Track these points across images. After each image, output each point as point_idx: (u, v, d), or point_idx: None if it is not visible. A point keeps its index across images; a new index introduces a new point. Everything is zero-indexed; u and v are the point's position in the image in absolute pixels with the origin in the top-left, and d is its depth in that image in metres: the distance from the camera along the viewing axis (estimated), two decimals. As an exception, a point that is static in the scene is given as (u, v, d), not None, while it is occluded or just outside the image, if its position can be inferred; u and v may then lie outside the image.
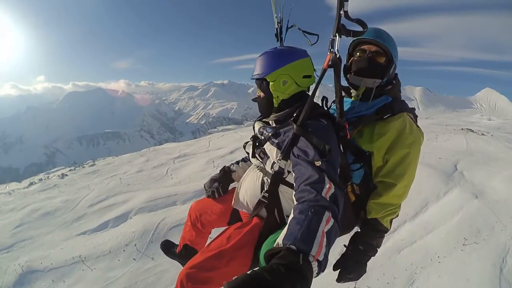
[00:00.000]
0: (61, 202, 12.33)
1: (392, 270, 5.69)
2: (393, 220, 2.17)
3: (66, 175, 19.35)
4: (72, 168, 23.63)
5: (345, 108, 2.12)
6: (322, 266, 1.17)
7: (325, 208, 1.34)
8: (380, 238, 2.11)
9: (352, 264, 2.12)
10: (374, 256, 2.13)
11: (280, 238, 1.26)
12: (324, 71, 1.84)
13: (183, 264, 2.67)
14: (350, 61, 2.25)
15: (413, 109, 2.17)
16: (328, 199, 1.39)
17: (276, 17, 2.53)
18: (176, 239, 8.86)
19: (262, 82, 2.07)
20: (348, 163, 1.99)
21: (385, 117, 1.98)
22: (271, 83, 2.01)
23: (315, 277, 1.12)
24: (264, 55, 2.07)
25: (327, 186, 1.46)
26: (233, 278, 0.92)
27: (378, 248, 2.13)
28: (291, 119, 1.93)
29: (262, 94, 2.13)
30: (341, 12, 1.64)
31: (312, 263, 1.12)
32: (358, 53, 2.16)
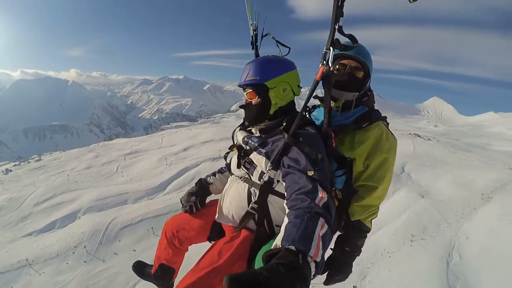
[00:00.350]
0: (5, 200, 11.64)
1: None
2: None
3: (11, 170, 18.03)
4: (17, 163, 21.97)
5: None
6: (319, 267, 1.18)
7: (319, 215, 1.35)
8: (363, 238, 2.22)
9: (340, 265, 2.22)
10: (359, 256, 2.23)
11: (277, 240, 1.28)
12: (317, 82, 1.80)
13: (158, 285, 2.66)
14: None
15: (385, 117, 2.28)
16: (321, 207, 1.41)
17: (251, 24, 2.54)
18: (128, 239, 8.49)
19: (259, 88, 2.00)
20: (332, 170, 2.02)
21: (363, 125, 2.09)
22: (271, 90, 1.98)
23: (312, 278, 1.13)
24: (261, 61, 2.04)
25: (320, 195, 1.47)
26: (233, 274, 0.90)
27: (362, 248, 2.24)
28: (280, 128, 1.92)
29: (257, 100, 2.04)
30: (336, 27, 1.66)
31: (310, 264, 1.12)
32: (337, 66, 2.24)
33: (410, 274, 5.71)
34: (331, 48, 1.72)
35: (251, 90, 2.03)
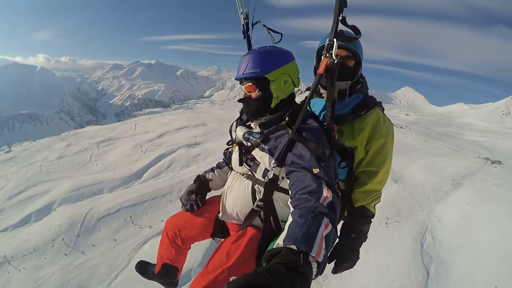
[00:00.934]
0: (-24, 195, 11.19)
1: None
2: None
3: (-21, 164, 16.87)
4: (-15, 155, 20.29)
5: (321, 108, 2.21)
6: (321, 267, 1.16)
7: (323, 214, 1.33)
8: (368, 224, 2.23)
9: (347, 253, 2.21)
10: (365, 242, 2.22)
11: (280, 239, 1.25)
12: (321, 75, 1.77)
13: (163, 284, 2.62)
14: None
15: (380, 102, 2.29)
16: (325, 206, 1.39)
17: (241, 13, 2.45)
18: (106, 230, 8.29)
19: (259, 81, 1.91)
20: (335, 163, 2.00)
21: (362, 113, 2.09)
22: (272, 82, 1.90)
23: (314, 279, 1.11)
24: (259, 52, 1.94)
25: (325, 194, 1.45)
26: (232, 278, 0.91)
27: (367, 234, 2.25)
28: (282, 123, 1.88)
29: (257, 94, 1.95)
30: (339, 18, 1.63)
31: (312, 264, 1.11)
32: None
33: (386, 254, 5.99)
34: (335, 40, 1.69)
35: (250, 83, 1.94)
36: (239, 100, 2.08)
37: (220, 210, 2.13)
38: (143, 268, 2.70)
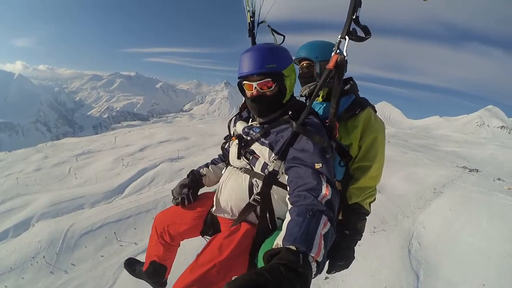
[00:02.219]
0: (-50, 209, 10.28)
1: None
2: None
3: (-48, 174, 15.94)
4: (-40, 166, 19.11)
5: (316, 109, 2.24)
6: (320, 267, 1.15)
7: (322, 212, 1.31)
8: (363, 221, 2.20)
9: (342, 251, 2.18)
10: (360, 240, 2.19)
11: (279, 239, 1.23)
12: (330, 71, 1.75)
13: (151, 283, 2.46)
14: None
15: (373, 106, 2.38)
16: (324, 204, 1.37)
17: (248, 11, 2.43)
18: (90, 247, 8.01)
19: (278, 76, 1.85)
20: (335, 162, 2.05)
21: (357, 112, 2.13)
22: (286, 78, 1.87)
23: (313, 278, 1.10)
24: (269, 48, 1.88)
25: (324, 192, 1.43)
26: (233, 278, 0.92)
27: (362, 232, 2.22)
28: (285, 117, 1.84)
29: (273, 90, 1.88)
30: (353, 17, 1.65)
31: (311, 264, 1.09)
32: (300, 67, 2.38)
33: (376, 261, 6.14)
34: (346, 37, 1.68)
35: (269, 79, 1.84)
36: (252, 99, 1.96)
37: (214, 204, 2.03)
38: (132, 265, 2.55)
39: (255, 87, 1.88)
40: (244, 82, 1.91)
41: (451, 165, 16.61)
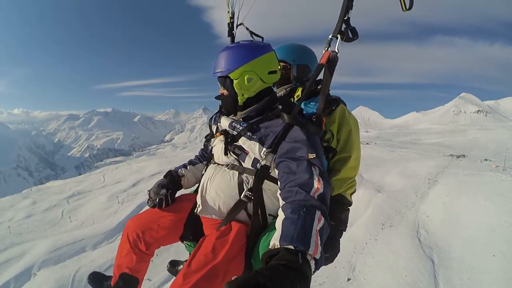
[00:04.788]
0: None
1: (330, 264, 6.74)
2: None
3: None
4: None
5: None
6: (318, 264, 1.18)
7: (315, 208, 1.34)
8: (346, 211, 2.30)
9: (328, 241, 2.27)
10: (345, 230, 2.28)
11: (275, 239, 1.24)
12: (322, 66, 1.79)
13: None
14: None
15: (344, 102, 2.49)
16: (316, 199, 1.40)
17: (228, 12, 2.51)
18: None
19: (225, 80, 1.90)
20: None
21: (334, 108, 2.25)
22: (234, 81, 1.86)
23: (311, 275, 1.12)
24: (226, 50, 1.91)
25: (316, 186, 1.45)
26: (233, 278, 0.93)
27: (347, 222, 2.31)
28: (275, 110, 1.88)
29: (226, 92, 1.96)
30: (345, 18, 1.72)
31: (310, 262, 1.12)
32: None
33: (391, 255, 6.33)
34: (338, 36, 1.76)
35: (219, 82, 1.96)
36: (216, 97, 2.08)
37: (199, 204, 1.96)
38: (97, 280, 2.31)
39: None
40: None
41: (438, 155, 17.24)
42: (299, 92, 2.34)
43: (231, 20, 2.52)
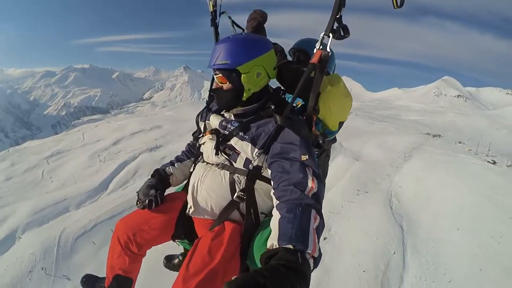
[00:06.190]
0: None
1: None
2: None
3: None
4: None
5: None
6: (317, 262, 1.18)
7: (310, 206, 1.36)
8: None
9: None
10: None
11: (273, 239, 1.25)
12: (314, 65, 1.80)
13: None
14: None
15: None
16: (311, 198, 1.42)
17: (210, 0, 2.42)
18: (88, 248, 7.93)
19: (230, 73, 1.84)
20: None
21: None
22: (243, 75, 1.82)
23: (311, 274, 1.13)
24: (233, 42, 1.85)
25: (310, 185, 1.46)
26: (233, 278, 0.94)
27: None
28: (267, 110, 1.87)
29: (228, 86, 1.88)
30: (337, 16, 1.71)
31: (309, 261, 1.13)
32: None
33: (365, 219, 6.98)
34: (330, 35, 1.77)
35: (221, 75, 1.87)
36: (211, 91, 2.07)
37: (191, 205, 1.96)
38: (90, 282, 2.37)
39: (215, 79, 1.95)
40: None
41: (415, 132, 18.18)
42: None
43: (214, 9, 2.46)
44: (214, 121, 2.00)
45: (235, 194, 1.79)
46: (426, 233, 6.55)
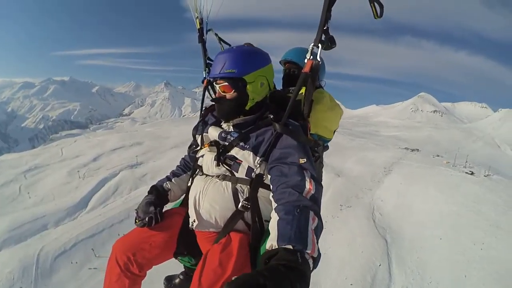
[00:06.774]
0: None
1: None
2: None
3: None
4: None
5: None
6: (316, 262, 1.18)
7: (308, 208, 1.36)
8: None
9: None
10: None
11: (272, 240, 1.24)
12: (306, 75, 1.82)
13: None
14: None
15: None
16: (309, 199, 1.42)
17: (196, 18, 2.47)
18: (67, 267, 7.62)
19: (237, 82, 1.84)
20: None
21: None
22: (249, 84, 1.84)
23: (310, 274, 1.13)
24: (239, 52, 1.88)
25: (308, 187, 1.47)
26: (233, 278, 0.92)
27: None
28: (266, 119, 1.88)
29: (232, 94, 1.88)
30: (325, 28, 1.75)
31: (308, 260, 1.13)
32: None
33: (349, 233, 7.15)
34: (319, 46, 1.80)
35: (226, 84, 1.85)
36: (213, 100, 2.02)
37: (194, 218, 1.89)
38: None
39: (218, 89, 1.92)
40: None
41: (393, 147, 18.79)
42: (303, 91, 2.25)
43: (201, 26, 2.48)
44: (213, 132, 1.98)
45: (239, 204, 1.75)
46: (409, 244, 6.79)
